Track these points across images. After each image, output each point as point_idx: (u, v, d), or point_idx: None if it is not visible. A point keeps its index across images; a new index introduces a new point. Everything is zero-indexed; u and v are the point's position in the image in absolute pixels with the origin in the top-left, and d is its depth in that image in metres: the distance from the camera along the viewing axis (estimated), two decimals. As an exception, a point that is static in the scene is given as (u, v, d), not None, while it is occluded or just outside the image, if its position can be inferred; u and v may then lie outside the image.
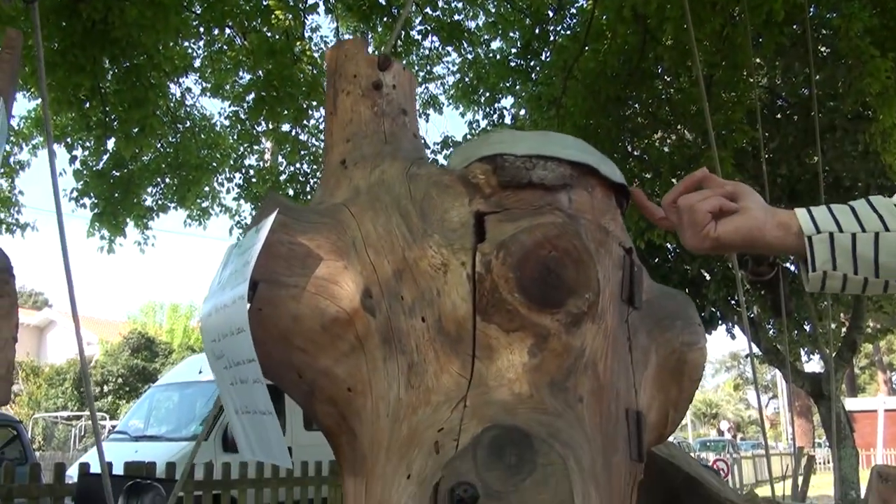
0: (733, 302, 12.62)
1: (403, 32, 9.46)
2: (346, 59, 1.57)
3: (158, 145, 10.85)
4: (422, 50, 10.89)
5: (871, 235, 1.20)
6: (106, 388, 25.56)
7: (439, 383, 1.19)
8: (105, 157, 10.00)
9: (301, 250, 1.27)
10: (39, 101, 9.74)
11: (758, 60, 9.60)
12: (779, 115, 10.20)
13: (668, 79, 10.02)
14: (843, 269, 1.22)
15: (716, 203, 1.28)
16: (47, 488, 5.60)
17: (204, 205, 12.45)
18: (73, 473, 6.49)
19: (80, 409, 24.51)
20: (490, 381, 1.16)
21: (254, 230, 1.30)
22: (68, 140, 9.98)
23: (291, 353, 1.25)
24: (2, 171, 10.61)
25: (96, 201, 9.94)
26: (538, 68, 10.83)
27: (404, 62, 10.09)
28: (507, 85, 11.41)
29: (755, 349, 13.97)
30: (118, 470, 6.35)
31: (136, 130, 8.44)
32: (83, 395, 25.22)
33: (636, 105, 10.23)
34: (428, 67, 11.72)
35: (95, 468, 6.24)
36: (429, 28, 9.88)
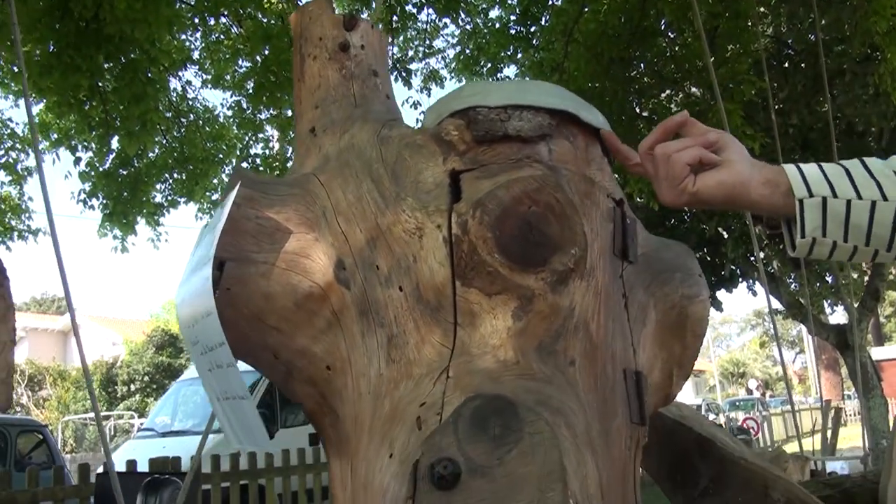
0: (752, 258, 12.48)
1: (398, 7, 9.33)
2: (310, 22, 1.49)
3: (164, 141, 10.81)
4: (419, 24, 10.74)
5: (868, 204, 1.10)
6: (133, 387, 25.76)
7: (421, 355, 1.11)
8: (110, 157, 9.96)
9: (269, 225, 1.19)
10: (42, 105, 9.72)
11: (762, 9, 9.40)
12: (786, 64, 9.99)
13: (672, 35, 9.83)
14: (833, 235, 1.12)
15: (695, 154, 1.17)
16: (73, 490, 5.61)
17: (213, 197, 12.41)
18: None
19: (108, 409, 24.75)
20: (473, 349, 1.09)
21: (220, 207, 1.23)
22: (73, 142, 9.95)
23: (266, 334, 1.18)
24: (10, 178, 10.61)
25: (105, 202, 9.92)
26: (539, 34, 10.66)
27: (402, 37, 9.99)
28: (509, 53, 11.24)
29: (777, 305, 13.83)
30: (143, 466, 6.36)
31: (137, 127, 8.38)
32: (111, 396, 25.47)
33: (641, 65, 10.05)
34: (427, 42, 11.56)
35: (141, 466, 6.26)
36: (422, 1, 9.73)
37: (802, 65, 9.70)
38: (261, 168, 11.89)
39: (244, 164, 12.37)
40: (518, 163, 1.16)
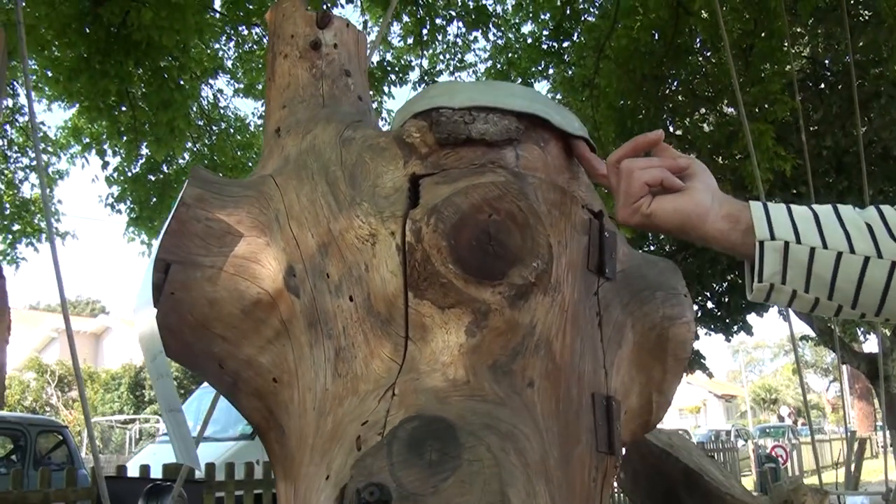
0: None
1: (427, 20, 9.31)
2: (283, 19, 1.43)
3: (194, 147, 10.88)
4: (448, 37, 10.69)
5: (833, 255, 1.01)
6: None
7: (369, 370, 1.04)
8: (139, 162, 10.04)
9: (219, 227, 1.13)
10: (74, 109, 9.84)
11: (798, 29, 9.24)
12: (822, 85, 9.80)
13: (708, 53, 9.69)
14: (794, 284, 1.03)
15: (658, 175, 1.09)
16: (84, 491, 5.60)
17: (242, 205, 12.46)
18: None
19: (135, 412, 24.94)
20: (422, 365, 1.01)
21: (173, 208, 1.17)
22: (103, 147, 10.04)
23: (211, 342, 1.12)
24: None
25: (132, 206, 9.99)
26: (570, 50, 10.58)
27: (431, 50, 9.96)
28: (540, 69, 11.16)
29: (809, 331, 13.54)
30: (157, 471, 6.35)
31: (166, 133, 8.43)
32: (138, 400, 25.67)
33: (674, 83, 9.92)
34: (458, 56, 11.51)
35: (155, 470, 6.25)
36: (452, 14, 9.69)
37: (839, 86, 9.50)
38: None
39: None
40: (481, 168, 1.08)
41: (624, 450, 1.82)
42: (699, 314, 13.78)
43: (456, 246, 1.02)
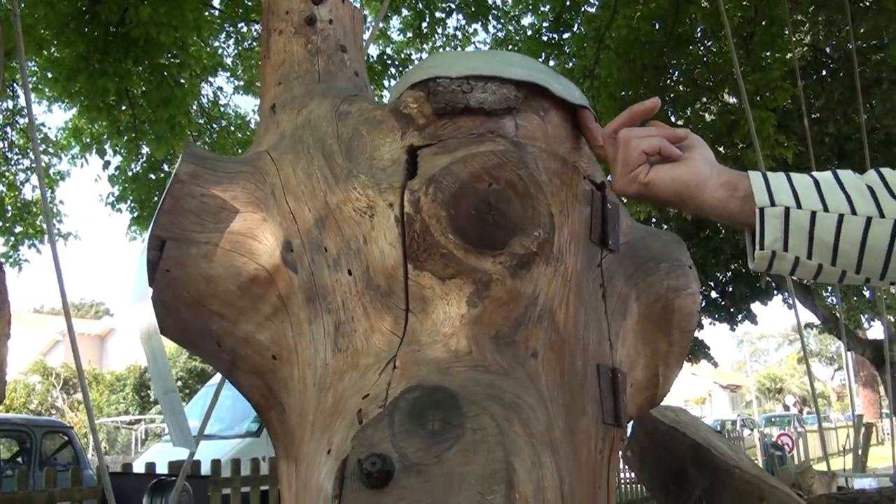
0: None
1: (427, 12, 9.27)
2: (277, -4, 1.41)
3: (196, 145, 10.86)
4: (448, 30, 10.66)
5: (835, 217, 0.99)
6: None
7: (369, 344, 1.02)
8: (140, 161, 10.03)
9: (214, 203, 1.11)
10: (75, 110, 9.82)
11: (799, 17, 9.20)
12: (824, 72, 9.75)
13: (709, 42, 9.64)
14: (796, 250, 1.01)
15: (655, 144, 1.07)
16: (90, 491, 5.59)
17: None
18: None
19: (141, 413, 24.96)
20: (423, 337, 0.99)
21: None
22: (104, 146, 10.03)
23: (208, 320, 1.10)
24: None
25: (133, 205, 9.98)
26: (571, 41, 10.54)
27: (430, 44, 9.93)
28: (541, 60, 11.13)
29: (814, 319, 13.51)
30: (163, 468, 6.34)
31: (166, 131, 8.42)
32: (144, 400, 25.68)
33: (675, 72, 9.87)
34: (458, 48, 11.48)
35: (160, 468, 6.24)
36: (451, 6, 9.67)
37: (840, 73, 9.46)
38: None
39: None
40: (480, 137, 1.06)
41: (631, 427, 1.81)
42: (703, 304, 13.77)
43: (455, 216, 1.00)
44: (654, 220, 11.80)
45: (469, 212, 1.00)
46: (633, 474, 10.77)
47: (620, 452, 1.25)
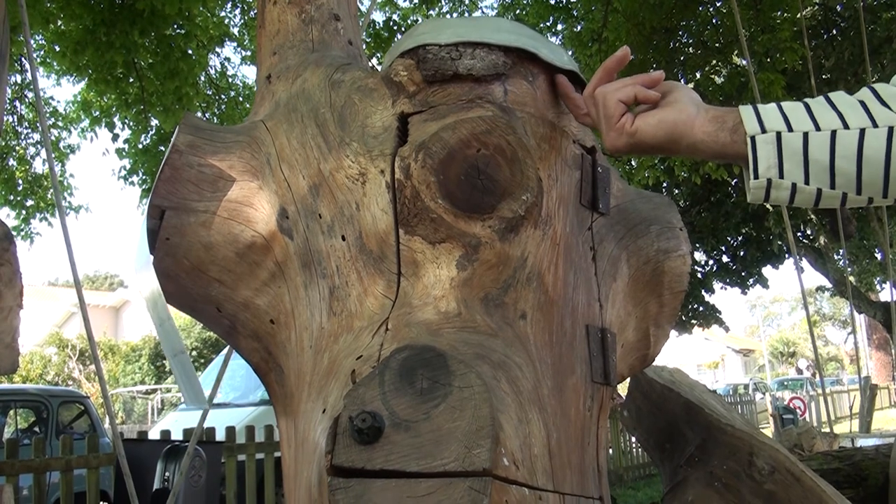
0: (799, 234, 12.17)
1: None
2: (272, -35, 1.42)
3: (203, 117, 10.86)
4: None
5: (827, 135, 0.96)
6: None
7: (363, 307, 1.05)
8: (150, 134, 10.05)
9: (211, 172, 1.14)
10: (83, 84, 9.83)
11: (809, -25, 9.07)
12: (834, 32, 9.64)
13: (718, 3, 9.54)
14: (792, 176, 0.99)
15: (630, 92, 1.07)
16: (106, 457, 5.69)
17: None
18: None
19: (156, 382, 25.26)
20: (415, 300, 1.02)
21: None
22: (113, 120, 10.05)
23: (208, 286, 1.13)
24: (52, 155, 10.77)
25: (145, 178, 10.02)
26: (579, 4, 10.44)
27: (437, 9, 9.87)
28: (548, 24, 11.04)
29: (826, 282, 13.48)
30: (178, 436, 6.44)
31: (174, 103, 8.43)
32: (159, 370, 25.97)
33: (684, 35, 9.77)
34: (465, 13, 11.40)
35: (175, 436, 6.35)
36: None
37: (851, 32, 9.35)
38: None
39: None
40: (469, 103, 1.08)
41: (627, 387, 1.84)
42: (714, 268, 13.75)
43: (445, 181, 1.02)
44: (664, 185, 11.78)
45: (458, 177, 1.02)
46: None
47: (621, 411, 1.28)
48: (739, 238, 13.41)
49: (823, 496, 1.26)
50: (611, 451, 10.56)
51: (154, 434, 7.45)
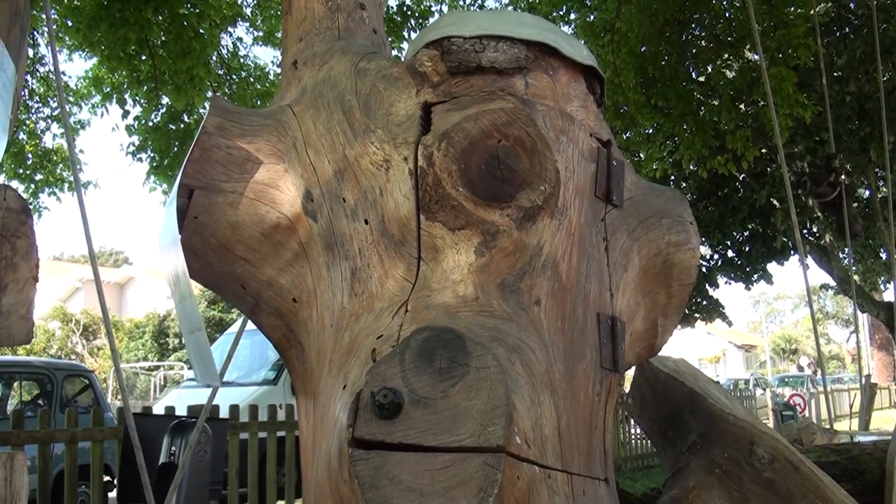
0: (805, 231, 12.18)
1: (446, -35, 9.19)
2: (299, -46, 1.46)
3: (215, 96, 10.88)
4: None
5: None
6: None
7: (383, 289, 1.09)
8: (161, 112, 10.07)
9: (239, 154, 1.18)
10: (95, 60, 9.85)
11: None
12: (846, 29, 9.61)
13: (732, -4, 9.51)
14: None
15: None
16: (111, 431, 5.75)
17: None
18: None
19: (160, 359, 25.39)
20: (434, 283, 1.06)
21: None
22: (124, 96, 10.06)
23: (234, 264, 1.18)
24: (62, 131, 10.79)
25: (153, 155, 10.05)
26: (592, -6, 10.42)
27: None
28: (561, 13, 11.02)
29: (830, 280, 13.49)
30: (182, 412, 6.50)
31: (185, 82, 8.45)
32: (163, 348, 26.10)
33: (697, 28, 9.76)
34: (479, 2, 11.39)
35: (179, 412, 6.42)
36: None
37: (864, 31, 9.33)
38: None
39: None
40: (491, 95, 1.12)
41: (632, 374, 1.88)
42: (719, 263, 13.77)
43: (466, 170, 1.06)
44: (671, 177, 11.78)
45: (479, 166, 1.06)
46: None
47: (625, 399, 1.32)
48: (745, 233, 13.42)
49: (821, 485, 1.30)
50: (610, 441, 10.57)
51: (158, 410, 7.51)
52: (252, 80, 12.19)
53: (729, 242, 13.58)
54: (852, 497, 1.38)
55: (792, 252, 12.96)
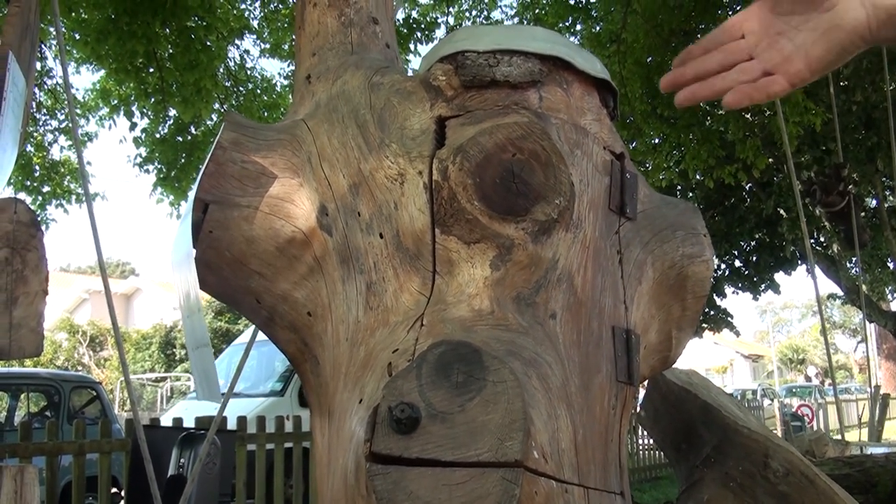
0: (813, 241, 12.15)
1: (452, -23, 9.23)
2: (312, -31, 1.47)
3: (221, 108, 10.93)
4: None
5: None
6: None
7: (398, 303, 1.09)
8: (168, 124, 10.12)
9: (254, 169, 1.18)
10: (103, 72, 9.90)
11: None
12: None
13: (738, 7, 9.54)
14: None
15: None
16: (119, 443, 5.76)
17: (268, 166, 12.50)
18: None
19: (166, 370, 25.42)
20: (449, 297, 1.06)
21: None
22: (132, 108, 10.12)
23: (249, 278, 1.18)
24: (70, 143, 10.85)
25: (160, 167, 10.10)
26: (598, 5, 10.45)
27: (456, 7, 9.90)
28: (567, 24, 11.05)
29: (838, 290, 13.46)
30: (190, 423, 6.51)
31: (192, 94, 8.50)
32: (169, 359, 26.13)
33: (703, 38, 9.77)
34: (485, 13, 11.43)
35: (187, 423, 6.42)
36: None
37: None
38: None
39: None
40: (505, 109, 1.12)
41: (645, 388, 1.88)
42: (726, 273, 13.74)
43: (481, 184, 1.06)
44: (678, 187, 11.79)
45: (494, 180, 1.06)
46: (652, 441, 10.86)
47: (638, 410, 1.32)
48: (752, 243, 13.41)
49: (836, 499, 1.30)
50: (617, 452, 10.54)
51: (165, 422, 7.52)
52: (259, 91, 12.25)
53: (736, 252, 13.56)
54: (867, 510, 1.38)
55: (799, 262, 12.93)
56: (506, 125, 1.08)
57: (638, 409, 1.92)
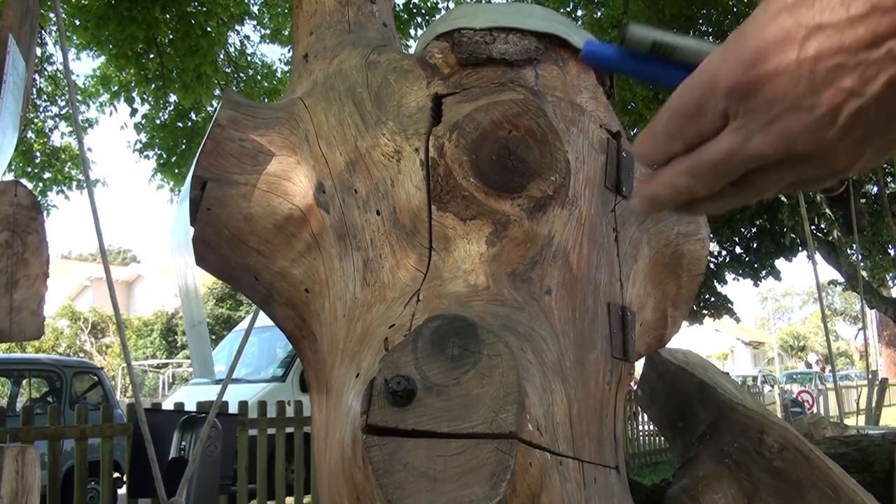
0: (813, 227, 12.14)
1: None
2: (309, -52, 1.47)
3: (222, 94, 10.92)
4: (475, -20, 10.58)
5: None
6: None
7: (395, 279, 1.10)
8: (168, 110, 10.12)
9: (252, 146, 1.19)
10: (103, 58, 9.89)
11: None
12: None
13: (737, -5, 9.50)
14: None
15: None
16: (120, 427, 5.79)
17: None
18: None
19: (168, 357, 25.49)
20: (445, 273, 1.07)
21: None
22: (132, 95, 10.11)
23: (247, 255, 1.19)
24: (71, 129, 10.85)
25: (160, 153, 10.10)
26: (599, -10, 10.42)
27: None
28: (569, 10, 11.02)
29: (839, 277, 13.46)
30: (191, 408, 6.53)
31: (192, 80, 8.49)
32: (171, 345, 26.20)
33: (704, 24, 9.75)
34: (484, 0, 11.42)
35: (188, 408, 6.45)
36: (478, -45, 9.58)
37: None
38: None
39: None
40: (501, 87, 1.13)
41: (641, 366, 1.89)
42: (727, 259, 13.75)
43: (477, 160, 1.07)
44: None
45: (490, 157, 1.07)
46: (652, 427, 10.90)
47: (635, 389, 1.33)
48: (753, 229, 13.40)
49: (830, 474, 1.31)
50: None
51: (167, 406, 7.54)
52: (259, 77, 12.24)
53: (737, 239, 13.55)
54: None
55: (800, 248, 12.93)
56: (502, 102, 1.09)
57: (635, 387, 1.93)
